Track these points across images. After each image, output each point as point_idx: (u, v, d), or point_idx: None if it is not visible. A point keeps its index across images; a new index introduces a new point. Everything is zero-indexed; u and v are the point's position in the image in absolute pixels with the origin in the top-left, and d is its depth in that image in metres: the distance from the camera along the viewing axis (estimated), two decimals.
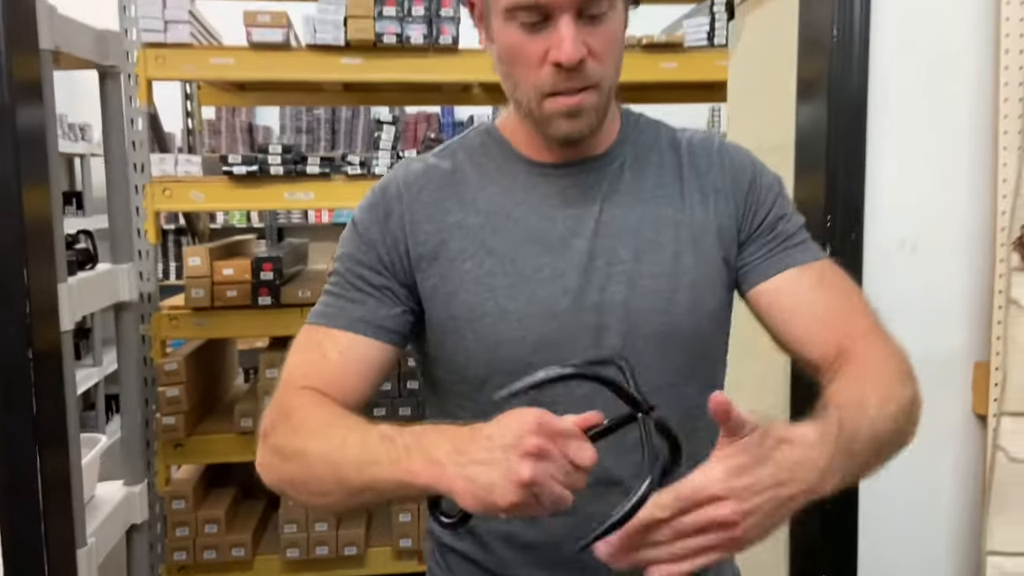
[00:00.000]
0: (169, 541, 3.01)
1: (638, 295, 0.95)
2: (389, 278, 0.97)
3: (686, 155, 1.03)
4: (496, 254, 0.96)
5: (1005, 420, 1.41)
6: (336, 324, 0.96)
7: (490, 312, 0.94)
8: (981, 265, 1.46)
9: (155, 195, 2.89)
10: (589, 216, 0.97)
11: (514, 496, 0.71)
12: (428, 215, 0.98)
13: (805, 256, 1.00)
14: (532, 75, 0.90)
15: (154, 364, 2.97)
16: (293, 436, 0.87)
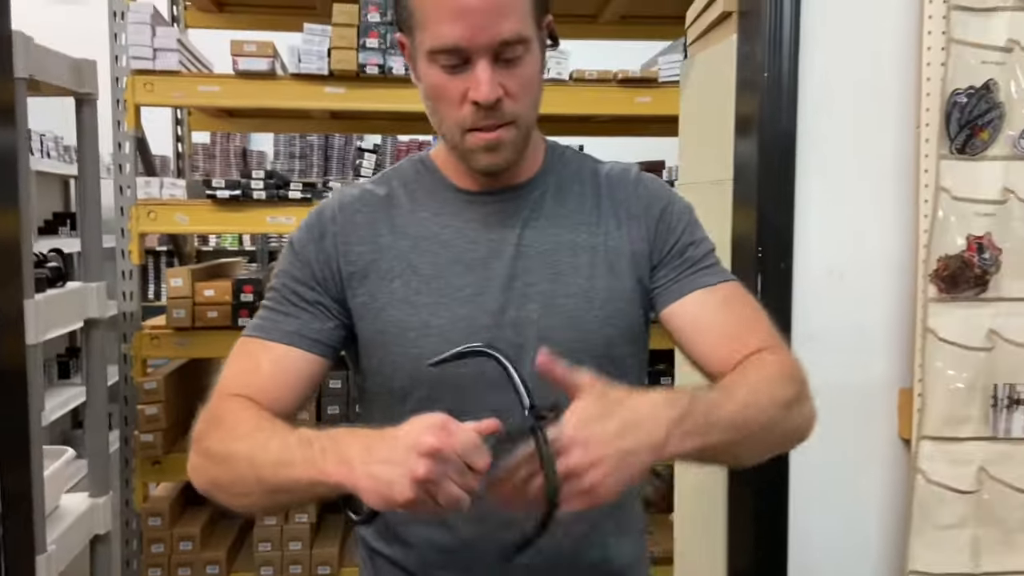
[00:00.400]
0: (145, 557, 3.06)
1: (553, 314, 1.02)
2: (322, 294, 1.04)
3: (605, 185, 1.10)
4: (422, 274, 1.03)
5: (924, 444, 1.47)
6: (270, 337, 1.03)
7: (414, 327, 1.01)
8: (904, 295, 1.53)
9: (140, 217, 2.97)
10: (509, 240, 1.04)
11: (410, 492, 0.77)
12: (360, 237, 1.05)
13: (712, 279, 1.06)
14: (454, 112, 0.97)
15: (134, 383, 3.03)
16: (221, 441, 0.93)
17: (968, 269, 1.41)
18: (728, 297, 1.06)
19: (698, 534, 1.86)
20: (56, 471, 1.70)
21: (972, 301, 1.44)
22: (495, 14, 0.92)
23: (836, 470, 1.57)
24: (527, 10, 0.96)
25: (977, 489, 1.46)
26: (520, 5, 0.95)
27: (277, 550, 3.12)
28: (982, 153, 1.42)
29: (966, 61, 1.39)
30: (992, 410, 1.46)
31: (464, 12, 0.92)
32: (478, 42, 0.93)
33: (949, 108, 1.41)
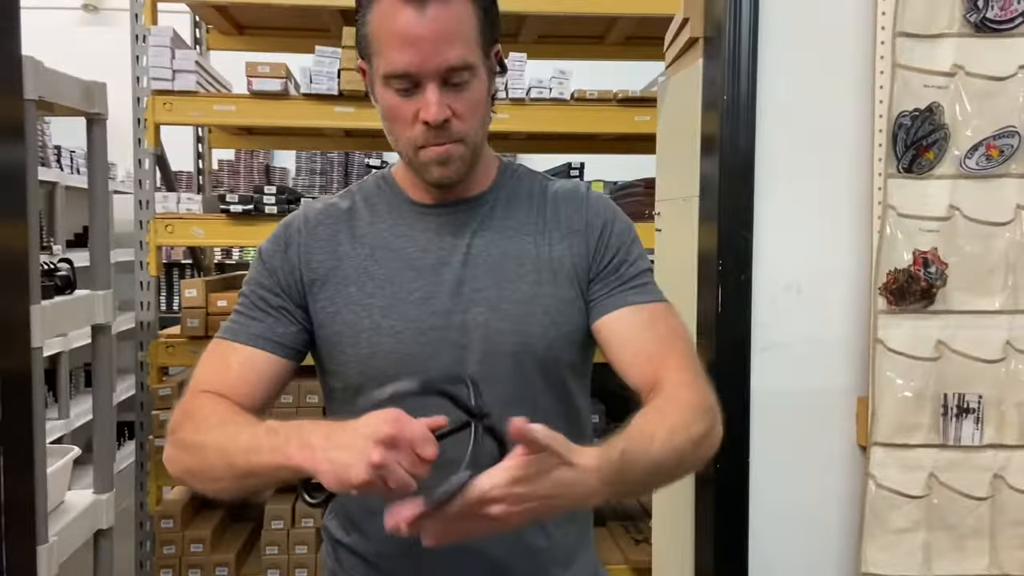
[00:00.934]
0: (157, 559, 3.17)
1: (498, 318, 1.10)
2: (286, 300, 1.14)
3: (552, 201, 1.18)
4: (376, 279, 1.12)
5: (876, 450, 1.52)
6: (238, 339, 1.12)
7: (366, 328, 1.10)
8: (860, 308, 1.59)
9: (158, 230, 3.11)
10: (459, 248, 1.13)
11: (365, 475, 0.85)
12: (321, 247, 1.15)
13: (641, 298, 1.13)
14: (407, 131, 1.07)
15: (149, 389, 3.16)
16: (195, 432, 1.03)
17: (915, 283, 1.47)
18: (654, 317, 1.13)
19: (670, 540, 1.93)
20: (60, 468, 1.81)
21: (920, 313, 1.50)
22: (442, 42, 1.02)
23: (795, 476, 1.63)
24: (473, 39, 1.05)
25: (927, 494, 1.51)
26: (466, 34, 1.04)
27: (284, 554, 3.21)
28: (928, 172, 1.48)
29: (910, 85, 1.46)
30: (942, 418, 1.51)
31: (414, 41, 1.01)
32: (426, 68, 1.02)
33: (895, 129, 1.47)
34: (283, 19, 3.60)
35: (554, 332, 1.11)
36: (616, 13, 3.30)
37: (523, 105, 3.16)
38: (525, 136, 3.76)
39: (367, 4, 1.06)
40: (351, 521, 1.17)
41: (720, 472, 1.62)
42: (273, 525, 3.22)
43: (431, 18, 1.01)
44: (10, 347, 1.51)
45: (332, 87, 3.11)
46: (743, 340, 1.60)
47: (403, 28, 1.01)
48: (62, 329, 1.77)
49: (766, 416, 1.62)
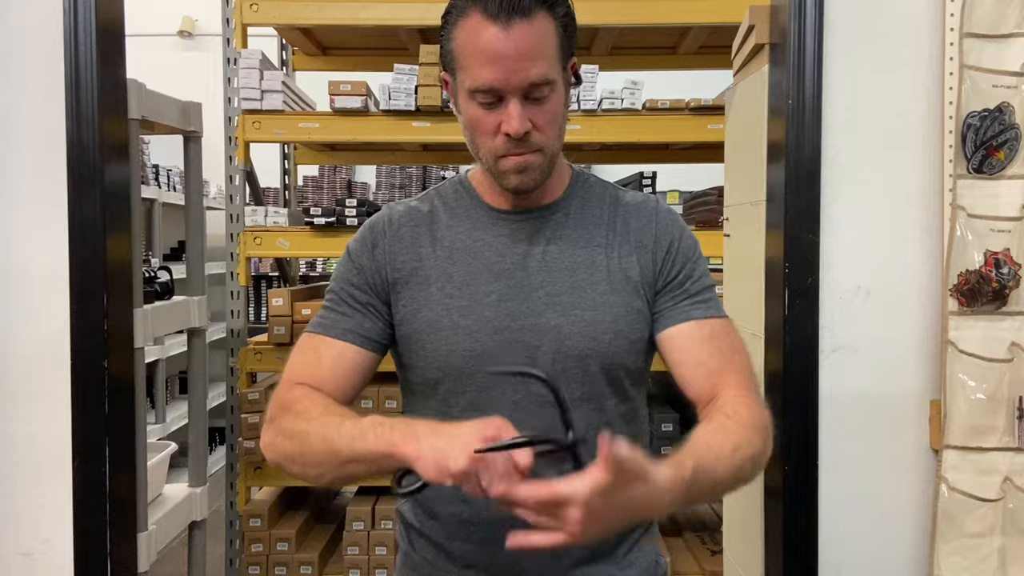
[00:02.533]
0: (246, 556, 3.31)
1: (569, 322, 1.16)
2: (373, 297, 1.21)
3: (623, 213, 1.23)
4: (455, 281, 1.18)
5: (948, 453, 1.51)
6: (330, 333, 1.19)
7: (445, 327, 1.16)
8: (932, 311, 1.58)
9: (247, 242, 3.27)
10: (533, 255, 1.19)
11: (463, 464, 0.91)
12: (404, 248, 1.22)
13: (704, 313, 1.18)
14: (489, 142, 1.13)
15: (239, 394, 3.31)
16: (296, 420, 1.10)
17: (986, 284, 1.46)
18: (715, 332, 1.17)
19: (740, 550, 1.93)
20: (159, 462, 1.94)
21: (993, 315, 1.48)
22: (525, 59, 1.08)
23: (866, 481, 1.62)
24: (554, 55, 1.11)
25: (1002, 498, 1.49)
26: (547, 51, 1.10)
27: (364, 554, 3.31)
28: (1000, 172, 1.47)
29: (979, 85, 1.46)
30: (1017, 421, 1.49)
31: (499, 58, 1.07)
32: (510, 84, 1.08)
33: (964, 130, 1.47)
34: (363, 39, 3.74)
35: (621, 339, 1.16)
36: (688, 23, 3.33)
37: (595, 116, 3.21)
38: (599, 147, 3.80)
39: (453, 20, 1.12)
40: (422, 506, 1.24)
41: (789, 478, 1.63)
42: (354, 526, 3.33)
43: (515, 36, 1.06)
44: (117, 347, 1.64)
45: (410, 103, 3.22)
46: (811, 344, 1.61)
47: (488, 45, 1.07)
48: (161, 332, 1.91)
49: (835, 420, 1.62)
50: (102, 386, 1.59)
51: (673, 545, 3.38)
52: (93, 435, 1.60)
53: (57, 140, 1.58)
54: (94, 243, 1.59)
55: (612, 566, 1.19)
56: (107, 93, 1.61)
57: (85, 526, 1.61)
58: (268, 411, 1.15)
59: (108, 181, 1.61)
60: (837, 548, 1.63)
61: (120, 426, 1.65)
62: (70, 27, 1.57)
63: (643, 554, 1.22)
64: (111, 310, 1.62)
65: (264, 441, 1.14)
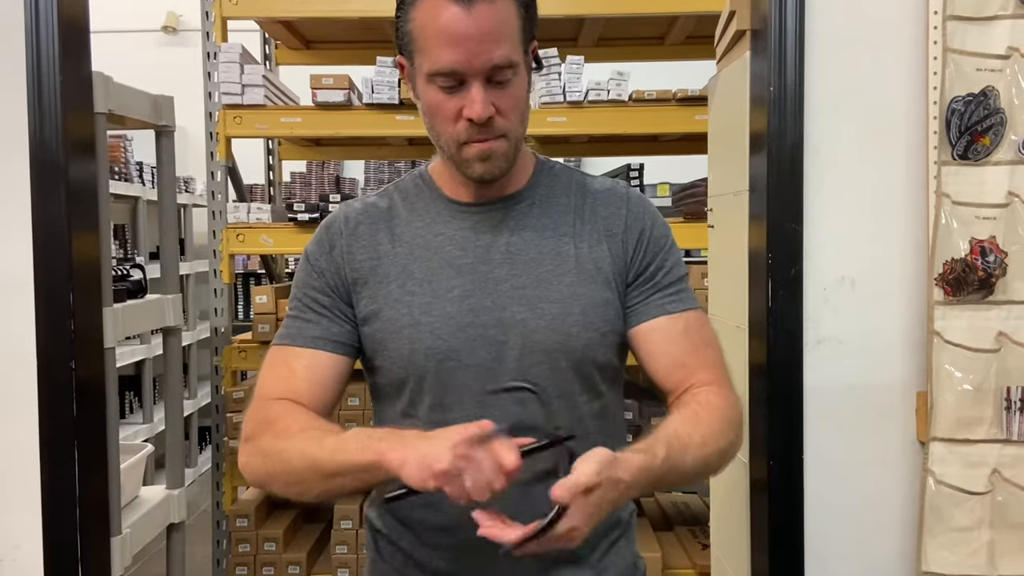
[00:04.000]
0: (233, 556, 3.27)
1: (536, 316, 1.12)
2: (336, 299, 1.17)
3: (590, 200, 1.19)
4: (416, 277, 1.15)
5: (935, 445, 1.48)
6: (297, 343, 1.16)
7: (407, 325, 1.13)
8: (917, 300, 1.55)
9: (230, 239, 3.22)
10: (497, 247, 1.15)
11: (447, 464, 0.89)
12: (363, 246, 1.18)
13: (676, 306, 1.15)
14: (450, 128, 1.08)
15: (224, 393, 3.27)
16: (276, 439, 1.07)
17: (972, 272, 1.43)
18: (688, 325, 1.15)
19: (726, 543, 1.90)
20: (133, 464, 1.90)
21: (979, 304, 1.45)
22: (488, 41, 1.03)
23: (852, 474, 1.59)
24: (516, 37, 1.07)
25: (990, 491, 1.46)
26: (510, 33, 1.06)
27: (353, 553, 3.28)
28: (985, 158, 1.44)
29: (963, 69, 1.42)
30: (1005, 412, 1.46)
31: (460, 39, 1.03)
32: (473, 66, 1.04)
33: (948, 116, 1.43)
34: (347, 32, 3.69)
35: (591, 332, 1.13)
36: (675, 12, 3.29)
37: (581, 108, 3.17)
38: (586, 139, 3.77)
39: (410, 0, 1.07)
40: (393, 513, 1.20)
41: (774, 471, 1.60)
42: (342, 525, 3.29)
43: (478, 16, 1.02)
44: (85, 348, 1.60)
45: (393, 96, 3.18)
46: (795, 335, 1.57)
47: (449, 26, 1.02)
48: (134, 331, 1.87)
49: (820, 413, 1.59)
50: (69, 388, 1.55)
51: (664, 539, 3.35)
52: (61, 438, 1.56)
53: (19, 136, 1.54)
54: (59, 241, 1.55)
55: (588, 569, 1.15)
56: (71, 87, 1.57)
57: (55, 531, 1.58)
58: (243, 430, 1.12)
59: (73, 178, 1.56)
60: (823, 542, 1.60)
61: (90, 429, 1.61)
62: (31, 19, 1.53)
63: (620, 557, 1.19)
64: (78, 310, 1.57)
65: (241, 461, 1.11)
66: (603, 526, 1.17)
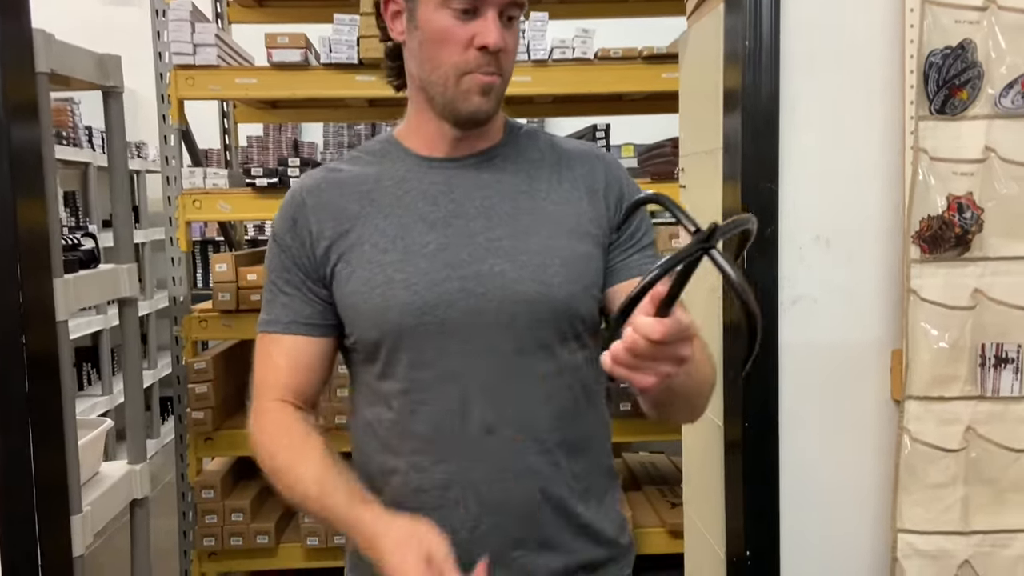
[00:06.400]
0: (199, 528, 3.22)
1: (515, 267, 1.09)
2: (303, 277, 1.13)
3: (565, 159, 1.17)
4: (388, 235, 1.10)
5: (910, 404, 1.48)
6: (274, 329, 1.14)
7: (380, 284, 1.09)
8: (893, 258, 1.53)
9: (186, 206, 3.12)
10: (472, 201, 1.11)
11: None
12: (329, 213, 1.13)
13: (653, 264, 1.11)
14: (456, 55, 1.05)
15: (185, 363, 3.19)
16: (270, 461, 1.11)
17: (949, 229, 1.41)
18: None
19: (700, 503, 1.90)
20: (92, 440, 1.84)
21: (955, 261, 1.44)
22: None
23: (828, 432, 1.59)
24: None
25: (965, 448, 1.46)
26: None
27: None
28: (962, 113, 1.41)
29: (941, 22, 1.39)
30: (980, 369, 1.46)
31: None
32: None
33: (926, 69, 1.41)
34: None
35: (573, 285, 1.10)
36: None
37: (545, 67, 3.10)
38: (550, 99, 3.70)
39: None
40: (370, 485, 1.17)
41: (749, 431, 1.59)
42: None
43: None
44: (35, 321, 1.53)
45: (352, 56, 3.08)
46: (770, 295, 1.55)
47: None
48: (87, 302, 1.79)
49: (796, 372, 1.58)
50: (20, 363, 1.48)
51: (633, 499, 3.37)
52: (13, 415, 1.49)
53: None
54: (2, 210, 1.46)
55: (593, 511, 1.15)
56: (9, 45, 1.47)
57: (9, 512, 1.51)
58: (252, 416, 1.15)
59: (16, 141, 1.47)
60: (798, 502, 1.60)
61: (44, 405, 1.55)
62: None
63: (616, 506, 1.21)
64: (26, 281, 1.50)
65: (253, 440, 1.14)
66: (607, 476, 1.18)
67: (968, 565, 1.48)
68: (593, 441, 1.15)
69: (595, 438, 1.16)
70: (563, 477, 1.10)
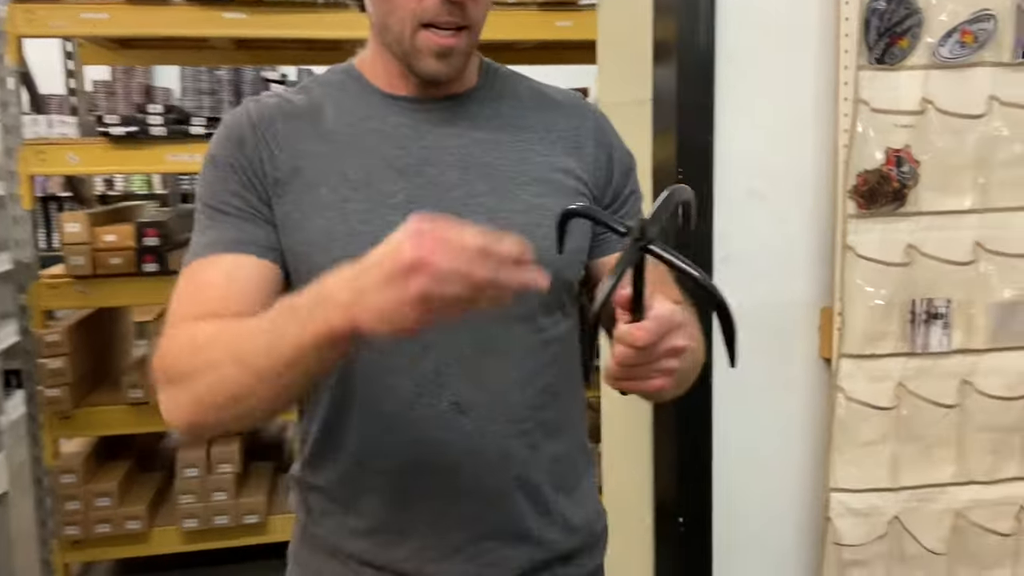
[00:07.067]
0: (59, 516, 2.93)
1: (498, 227, 0.94)
2: (254, 199, 0.93)
3: (549, 107, 1.04)
4: (350, 180, 0.94)
5: (845, 362, 1.45)
6: (213, 251, 0.91)
7: (342, 235, 0.92)
8: (825, 214, 1.49)
9: (29, 158, 2.76)
10: (447, 148, 0.97)
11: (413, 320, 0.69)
12: (281, 144, 0.95)
13: None
14: (412, 3, 0.89)
15: (33, 335, 2.86)
16: (191, 356, 0.82)
17: (887, 184, 1.38)
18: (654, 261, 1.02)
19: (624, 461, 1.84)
20: None
21: (890, 216, 1.41)
22: None
23: (758, 391, 1.55)
24: None
25: (896, 405, 1.46)
26: None
27: (201, 501, 3.02)
28: (901, 62, 1.37)
29: None
30: (910, 325, 1.45)
31: None
32: None
33: (868, 16, 1.35)
34: None
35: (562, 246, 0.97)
36: None
37: None
38: None
39: None
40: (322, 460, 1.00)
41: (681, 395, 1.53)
42: (187, 473, 3.02)
43: None
44: None
45: None
46: (704, 253, 1.48)
47: None
48: None
49: None
50: None
51: None
52: None
53: None
54: None
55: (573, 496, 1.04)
56: None
57: None
58: (155, 371, 0.87)
59: None
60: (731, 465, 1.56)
61: None
62: None
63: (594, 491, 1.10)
64: None
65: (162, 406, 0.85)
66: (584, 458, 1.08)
67: (897, 520, 1.48)
68: (572, 420, 1.05)
69: (573, 417, 1.05)
70: (540, 462, 1.00)
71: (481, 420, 0.94)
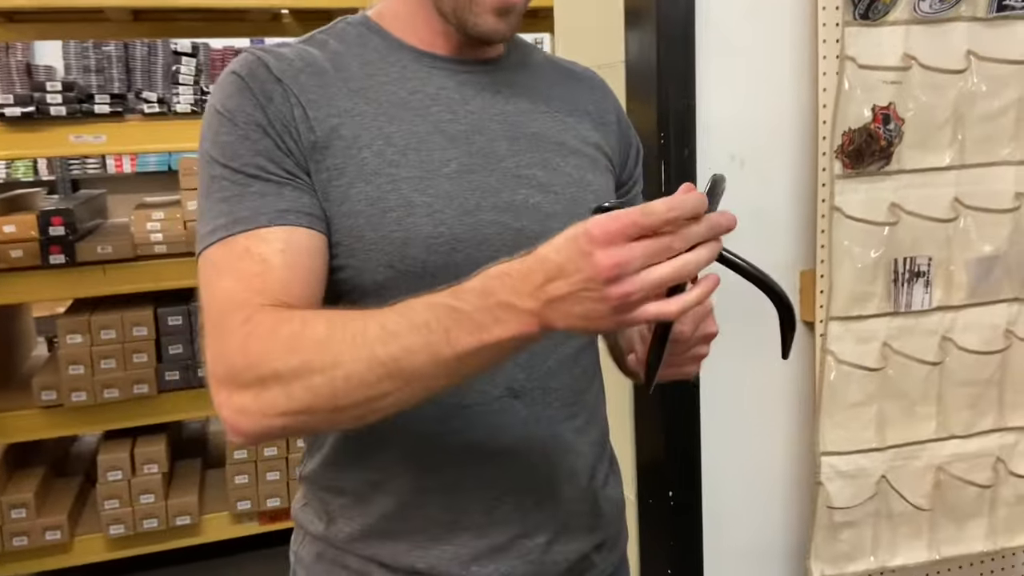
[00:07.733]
0: None
1: (550, 201, 0.90)
2: (291, 165, 0.80)
3: (570, 81, 1.00)
4: (396, 143, 0.84)
5: (832, 325, 1.44)
6: (258, 224, 0.77)
7: (395, 206, 0.82)
8: (806, 176, 1.47)
9: None
10: (492, 115, 0.89)
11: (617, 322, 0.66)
12: (312, 100, 0.82)
13: None
14: None
15: None
16: (291, 355, 0.70)
17: (874, 142, 1.36)
18: None
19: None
20: None
21: (876, 175, 1.40)
22: None
23: (744, 357, 1.52)
24: None
25: (883, 366, 1.46)
26: None
27: (127, 506, 2.84)
28: (883, 18, 1.35)
29: None
30: (893, 285, 1.44)
31: None
32: None
33: None
34: None
35: None
36: None
37: None
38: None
39: None
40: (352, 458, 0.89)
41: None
42: (110, 476, 2.83)
43: None
44: None
45: None
46: None
47: None
48: None
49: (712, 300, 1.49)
50: None
51: None
52: None
53: None
54: None
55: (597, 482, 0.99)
56: None
57: None
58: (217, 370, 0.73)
59: None
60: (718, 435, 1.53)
61: None
62: None
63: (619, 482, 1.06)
64: None
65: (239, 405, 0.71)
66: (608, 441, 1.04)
67: (884, 480, 1.49)
68: (601, 404, 1.02)
69: (601, 401, 1.02)
70: (585, 447, 0.95)
71: (535, 405, 0.88)
